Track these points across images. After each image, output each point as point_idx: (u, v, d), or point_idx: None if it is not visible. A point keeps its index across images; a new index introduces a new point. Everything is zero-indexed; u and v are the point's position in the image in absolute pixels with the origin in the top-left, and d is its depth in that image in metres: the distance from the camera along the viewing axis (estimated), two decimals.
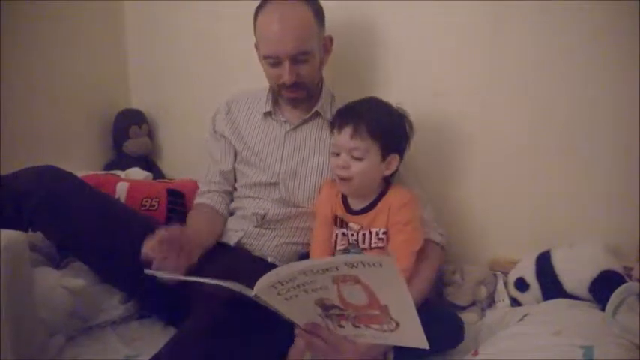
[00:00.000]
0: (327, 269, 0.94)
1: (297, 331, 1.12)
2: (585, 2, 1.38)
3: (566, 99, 1.44)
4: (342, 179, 1.25)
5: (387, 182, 1.31)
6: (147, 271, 1.05)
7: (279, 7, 1.33)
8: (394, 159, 1.26)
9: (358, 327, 1.05)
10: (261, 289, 0.99)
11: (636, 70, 1.35)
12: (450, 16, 1.51)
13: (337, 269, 0.93)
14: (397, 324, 1.00)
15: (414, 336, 0.99)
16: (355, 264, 0.91)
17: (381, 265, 0.90)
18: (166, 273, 1.12)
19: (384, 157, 1.25)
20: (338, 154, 1.25)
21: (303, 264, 0.96)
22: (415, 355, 1.09)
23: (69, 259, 1.38)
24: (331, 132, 1.29)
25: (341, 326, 1.07)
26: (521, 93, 1.49)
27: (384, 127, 1.23)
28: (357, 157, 1.23)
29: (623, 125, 1.39)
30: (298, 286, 0.98)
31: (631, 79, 1.35)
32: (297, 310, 1.06)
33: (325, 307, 1.04)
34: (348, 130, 1.22)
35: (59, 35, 1.75)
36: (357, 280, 0.94)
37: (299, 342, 1.14)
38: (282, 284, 0.97)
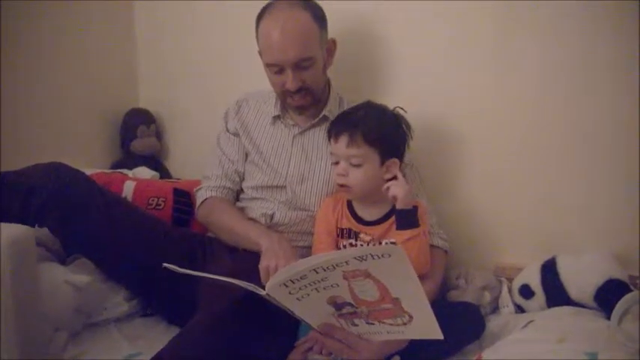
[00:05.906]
0: (336, 264, 0.94)
1: (312, 333, 1.13)
2: (586, 3, 1.38)
3: (568, 102, 1.45)
4: (342, 186, 1.26)
5: None
6: (165, 265, 1.06)
7: (279, 15, 1.32)
8: (393, 163, 1.27)
9: (372, 324, 1.05)
10: (273, 287, 0.99)
11: (636, 71, 1.35)
12: (455, 20, 1.52)
13: (347, 264, 0.93)
14: (410, 317, 1.00)
15: (428, 328, 0.99)
16: (364, 257, 0.91)
17: (390, 255, 0.90)
18: (182, 269, 1.13)
19: (382, 162, 1.26)
20: (337, 162, 1.27)
21: (313, 260, 0.96)
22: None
23: (74, 256, 1.38)
24: (328, 140, 1.30)
25: (354, 325, 1.07)
26: (526, 99, 1.49)
27: (380, 132, 1.24)
28: (356, 164, 1.24)
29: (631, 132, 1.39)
30: (310, 284, 0.98)
31: (631, 79, 1.35)
32: (310, 310, 1.06)
33: (337, 305, 1.04)
34: (344, 139, 1.24)
35: (68, 35, 1.75)
36: (367, 275, 0.95)
37: (301, 346, 1.15)
38: (294, 282, 0.97)
